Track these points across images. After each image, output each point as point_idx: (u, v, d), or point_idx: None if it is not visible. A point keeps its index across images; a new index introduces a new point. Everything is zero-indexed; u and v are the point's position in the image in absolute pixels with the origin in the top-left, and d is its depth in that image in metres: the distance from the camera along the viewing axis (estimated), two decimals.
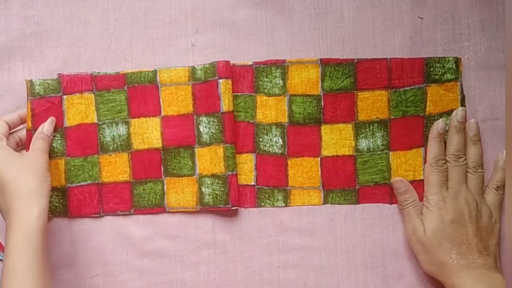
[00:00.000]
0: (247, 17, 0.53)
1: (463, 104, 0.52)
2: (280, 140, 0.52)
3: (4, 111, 0.53)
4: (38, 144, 0.48)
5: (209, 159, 0.51)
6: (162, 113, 0.52)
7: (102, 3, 0.53)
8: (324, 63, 0.52)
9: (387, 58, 0.52)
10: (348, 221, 0.53)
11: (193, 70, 0.52)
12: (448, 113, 0.51)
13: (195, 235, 0.53)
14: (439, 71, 0.52)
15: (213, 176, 0.51)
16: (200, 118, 0.51)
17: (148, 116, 0.52)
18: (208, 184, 0.51)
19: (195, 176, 0.52)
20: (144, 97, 0.52)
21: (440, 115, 0.52)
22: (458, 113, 0.50)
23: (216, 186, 0.51)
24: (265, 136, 0.52)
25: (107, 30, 0.53)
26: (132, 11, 0.53)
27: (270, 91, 0.52)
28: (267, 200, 0.52)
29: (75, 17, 0.53)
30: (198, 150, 0.52)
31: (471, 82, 0.53)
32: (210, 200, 0.51)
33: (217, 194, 0.51)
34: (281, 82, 0.52)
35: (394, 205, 0.52)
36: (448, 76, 0.52)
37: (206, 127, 0.51)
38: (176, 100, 0.52)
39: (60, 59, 0.53)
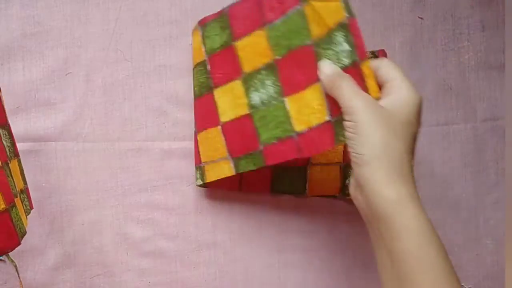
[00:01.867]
0: None
1: (348, 9, 0.39)
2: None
3: None
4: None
5: (15, 174, 0.44)
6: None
7: (102, 3, 0.53)
8: (202, 24, 0.49)
9: None
10: (348, 221, 0.53)
11: None
12: (336, 28, 0.39)
13: (195, 235, 0.53)
14: None
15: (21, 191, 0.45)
16: None
17: None
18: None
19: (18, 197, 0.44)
20: None
21: (329, 35, 0.40)
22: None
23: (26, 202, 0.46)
24: None
25: (107, 30, 0.53)
26: (132, 11, 0.53)
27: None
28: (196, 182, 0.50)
29: (75, 17, 0.53)
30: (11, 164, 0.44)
31: (471, 82, 0.53)
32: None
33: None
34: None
35: None
36: None
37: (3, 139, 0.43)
38: None
39: (60, 59, 0.53)
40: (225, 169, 0.48)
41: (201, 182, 0.50)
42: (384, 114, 0.35)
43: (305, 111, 0.42)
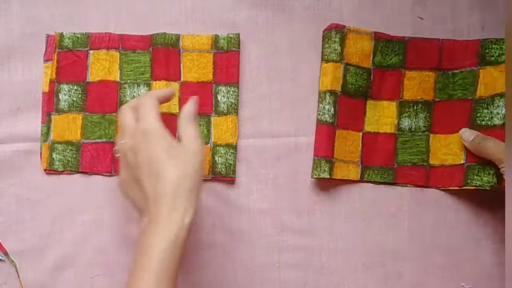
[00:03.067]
0: (247, 17, 0.53)
1: None
2: (332, 109, 0.51)
3: (5, 112, 0.52)
4: (193, 128, 0.42)
5: (224, 128, 0.52)
6: (182, 79, 0.52)
7: (102, 3, 0.53)
8: (378, 37, 0.52)
9: (439, 39, 0.52)
10: (348, 221, 0.53)
11: (216, 39, 0.52)
12: (502, 95, 0.49)
13: (195, 235, 0.53)
14: (495, 52, 0.50)
15: (227, 145, 0.52)
16: (219, 87, 0.52)
17: (169, 80, 0.52)
18: (221, 153, 0.52)
19: (209, 145, 0.52)
20: (166, 60, 0.52)
21: (492, 97, 0.50)
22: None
23: (229, 156, 0.52)
24: (320, 104, 0.52)
25: (108, 31, 0.53)
26: (133, 12, 0.53)
27: (329, 57, 0.51)
28: (314, 171, 0.51)
29: (75, 17, 0.53)
30: (214, 119, 0.52)
31: None
32: (223, 170, 0.52)
33: (230, 164, 0.52)
34: (339, 48, 0.51)
35: (393, 205, 0.53)
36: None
37: (224, 96, 0.52)
38: (197, 67, 0.52)
39: None
40: (352, 173, 0.52)
41: (328, 176, 0.50)
42: None
43: (443, 150, 0.51)
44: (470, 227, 0.53)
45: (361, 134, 0.52)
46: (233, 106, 0.52)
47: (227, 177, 0.52)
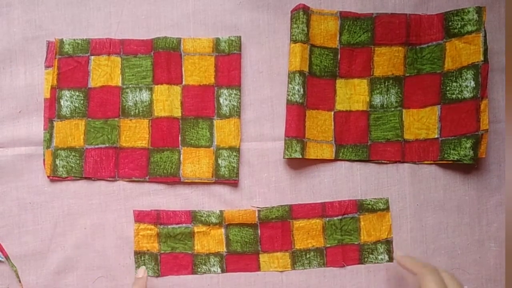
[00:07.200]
0: (249, 20, 0.53)
1: (485, 56, 0.49)
2: (302, 89, 0.51)
3: (7, 115, 0.52)
4: None
5: (227, 131, 0.52)
6: (184, 82, 0.52)
7: (104, 6, 0.53)
8: (344, 16, 0.52)
9: (406, 14, 0.52)
10: None
11: (217, 42, 0.52)
12: (469, 67, 0.50)
13: None
14: (457, 24, 0.50)
15: (230, 148, 0.52)
16: (221, 90, 0.52)
17: (170, 84, 0.52)
18: (225, 156, 0.52)
19: (212, 148, 0.52)
20: (167, 64, 0.52)
21: (459, 70, 0.50)
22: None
23: (233, 159, 0.51)
24: (289, 85, 0.52)
25: (109, 34, 0.53)
26: (134, 14, 0.53)
27: (297, 37, 0.51)
28: (286, 151, 0.51)
29: (77, 21, 0.53)
30: (216, 122, 0.52)
31: None
32: (226, 173, 0.52)
33: (233, 167, 0.51)
34: (306, 29, 0.51)
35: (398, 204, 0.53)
36: (469, 27, 0.50)
37: (226, 99, 0.52)
38: (198, 70, 0.52)
39: None
40: (326, 152, 0.52)
41: (300, 156, 0.50)
42: (444, 277, 0.42)
43: (416, 125, 0.52)
44: (473, 229, 0.53)
45: (332, 113, 0.52)
46: (235, 109, 0.52)
47: (230, 180, 0.52)
